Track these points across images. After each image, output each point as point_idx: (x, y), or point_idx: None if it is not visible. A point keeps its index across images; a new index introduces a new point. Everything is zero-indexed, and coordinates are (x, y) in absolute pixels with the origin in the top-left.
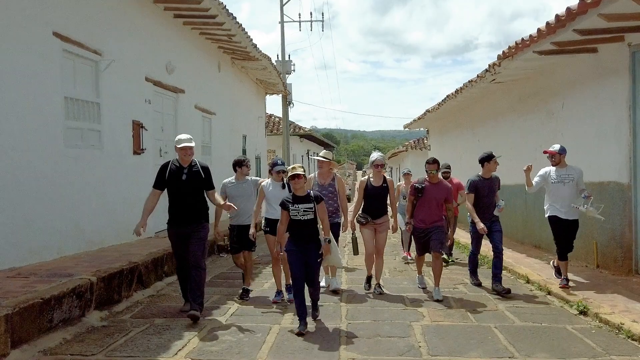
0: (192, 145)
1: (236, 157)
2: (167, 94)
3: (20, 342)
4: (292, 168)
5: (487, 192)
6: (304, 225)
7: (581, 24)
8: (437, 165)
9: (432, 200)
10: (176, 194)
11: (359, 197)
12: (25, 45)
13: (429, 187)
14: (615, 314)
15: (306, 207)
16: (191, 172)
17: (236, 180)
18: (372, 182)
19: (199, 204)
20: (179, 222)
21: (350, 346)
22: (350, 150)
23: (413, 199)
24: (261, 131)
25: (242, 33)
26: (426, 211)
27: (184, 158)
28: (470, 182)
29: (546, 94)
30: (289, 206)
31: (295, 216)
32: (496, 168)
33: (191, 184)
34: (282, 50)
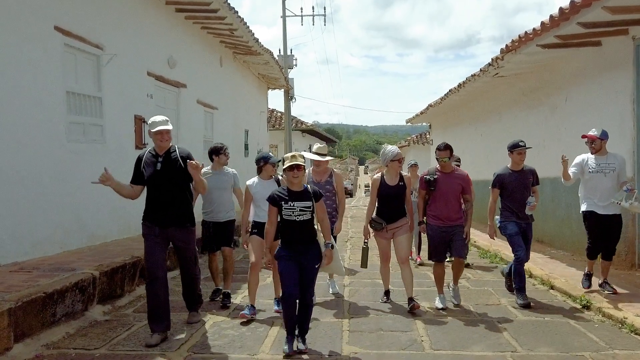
0: (169, 128)
1: (213, 144)
2: (169, 89)
3: (24, 336)
4: (291, 156)
5: (518, 186)
6: (300, 227)
7: (585, 17)
8: (450, 151)
9: (448, 193)
10: (153, 186)
11: (372, 198)
12: (26, 39)
13: (442, 178)
14: (619, 308)
15: (303, 206)
16: (168, 161)
17: (213, 171)
18: (387, 180)
19: (180, 200)
20: (155, 219)
21: (353, 340)
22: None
23: (424, 193)
24: (263, 126)
25: (244, 27)
26: (441, 207)
27: (160, 144)
28: (495, 175)
29: (549, 88)
30: (282, 203)
31: (289, 216)
32: (522, 159)
33: (168, 175)
34: (284, 45)
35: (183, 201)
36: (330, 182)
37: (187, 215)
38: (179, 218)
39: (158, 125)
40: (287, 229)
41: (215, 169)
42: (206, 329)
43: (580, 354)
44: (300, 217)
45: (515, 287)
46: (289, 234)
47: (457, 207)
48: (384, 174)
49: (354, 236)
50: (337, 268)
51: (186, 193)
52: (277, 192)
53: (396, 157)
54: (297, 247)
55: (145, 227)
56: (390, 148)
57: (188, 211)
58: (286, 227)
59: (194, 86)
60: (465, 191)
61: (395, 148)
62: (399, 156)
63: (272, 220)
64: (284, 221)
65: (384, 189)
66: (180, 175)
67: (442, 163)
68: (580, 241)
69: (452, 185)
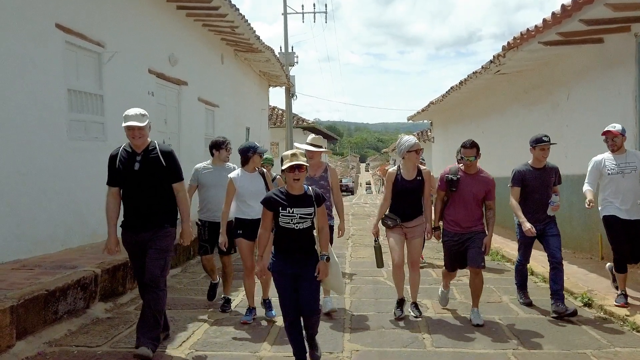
0: (141, 125)
1: (215, 138)
2: (170, 86)
3: (26, 334)
4: (292, 155)
5: (538, 185)
6: (298, 236)
7: (587, 13)
8: (477, 150)
9: (469, 197)
10: (129, 189)
11: (387, 194)
12: (27, 37)
13: (465, 179)
14: (620, 305)
15: (304, 213)
16: (147, 160)
17: (213, 166)
18: (403, 174)
19: (161, 202)
20: (135, 225)
21: (354, 337)
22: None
23: (444, 194)
24: (264, 123)
25: (245, 25)
26: (461, 211)
27: (132, 142)
28: (515, 172)
29: (551, 85)
30: (279, 209)
31: (287, 223)
32: (545, 156)
33: (147, 175)
34: (285, 42)
35: (164, 205)
36: (325, 178)
37: (168, 216)
38: (159, 220)
39: (128, 120)
40: (284, 237)
41: (216, 164)
42: (208, 327)
43: (582, 352)
44: (300, 224)
45: (517, 284)
46: (286, 243)
47: (478, 214)
48: (400, 167)
49: (355, 234)
50: (336, 285)
51: (168, 195)
52: (274, 195)
53: (413, 148)
54: (294, 258)
55: (124, 235)
56: (406, 138)
57: (169, 212)
58: (282, 235)
59: (195, 84)
60: (489, 197)
61: (412, 138)
62: (416, 146)
63: (266, 225)
64: (280, 228)
65: (400, 184)
66: (161, 176)
67: (466, 163)
68: (581, 239)
69: (475, 188)
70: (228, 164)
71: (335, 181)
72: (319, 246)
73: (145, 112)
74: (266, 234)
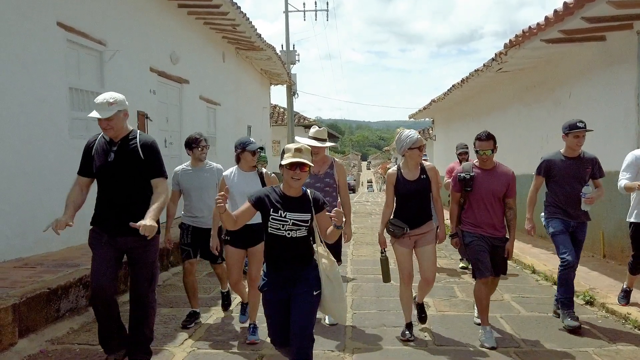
0: (107, 115)
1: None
2: (172, 85)
3: (28, 332)
4: (295, 150)
5: (569, 177)
6: (290, 245)
7: (590, 11)
8: (494, 142)
9: (488, 195)
10: (103, 182)
11: (388, 198)
12: (29, 35)
13: (481, 176)
14: (622, 304)
15: (299, 219)
16: (123, 151)
17: (192, 167)
18: (405, 173)
19: (139, 201)
20: (107, 223)
21: (356, 335)
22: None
23: (459, 196)
24: (266, 122)
25: (247, 23)
26: (482, 213)
27: (103, 132)
28: (542, 160)
29: (553, 83)
30: (270, 211)
31: (278, 230)
32: (579, 144)
33: (123, 169)
34: (287, 40)
35: (142, 203)
36: (331, 175)
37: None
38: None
39: (94, 109)
40: (274, 247)
41: (195, 165)
42: (210, 324)
43: (584, 350)
44: (292, 232)
45: (560, 299)
46: (277, 253)
47: (499, 214)
48: (401, 166)
49: (357, 232)
50: (338, 310)
51: (146, 192)
52: (266, 193)
53: (415, 144)
54: (287, 272)
55: (92, 235)
56: (407, 133)
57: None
58: (272, 244)
59: (196, 82)
60: (509, 194)
61: (414, 133)
62: (418, 142)
63: (238, 215)
64: (269, 236)
65: (402, 186)
66: (139, 170)
67: (482, 157)
68: None
69: (494, 185)
70: (209, 164)
71: (342, 178)
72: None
73: (116, 97)
74: (229, 219)
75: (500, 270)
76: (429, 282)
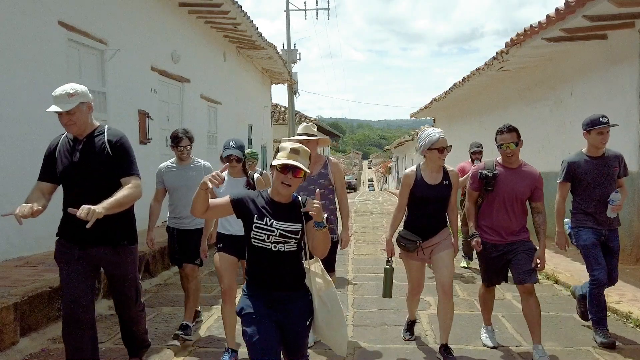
0: (68, 108)
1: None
2: (173, 84)
3: (30, 330)
4: (291, 151)
5: (598, 178)
6: (277, 262)
7: (591, 9)
8: (517, 134)
9: (511, 197)
10: (67, 188)
11: (401, 202)
12: (30, 34)
13: (505, 175)
14: (624, 302)
15: (287, 229)
16: (89, 149)
17: (177, 165)
18: (425, 176)
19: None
20: (74, 236)
21: (357, 334)
22: (356, 139)
23: (477, 195)
24: (267, 121)
25: (248, 21)
26: (501, 216)
27: (65, 129)
28: (565, 164)
29: (555, 82)
30: (253, 218)
31: (262, 242)
32: (603, 141)
33: (89, 169)
34: (288, 39)
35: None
36: (325, 175)
37: (122, 227)
38: (108, 233)
39: (54, 103)
40: (257, 262)
41: (180, 162)
42: (211, 323)
43: (585, 349)
44: (279, 246)
45: (592, 318)
46: (260, 271)
47: (523, 220)
48: (420, 167)
49: (358, 231)
50: (337, 340)
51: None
52: (251, 196)
53: (435, 145)
54: (271, 296)
55: (59, 249)
56: (428, 131)
57: (123, 222)
58: (255, 259)
59: (197, 81)
60: (536, 197)
61: (436, 132)
62: (440, 143)
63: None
64: (252, 249)
65: (420, 190)
66: (108, 169)
67: (506, 152)
68: None
69: (518, 186)
70: (196, 161)
71: (339, 178)
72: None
73: (77, 88)
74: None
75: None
76: (446, 291)
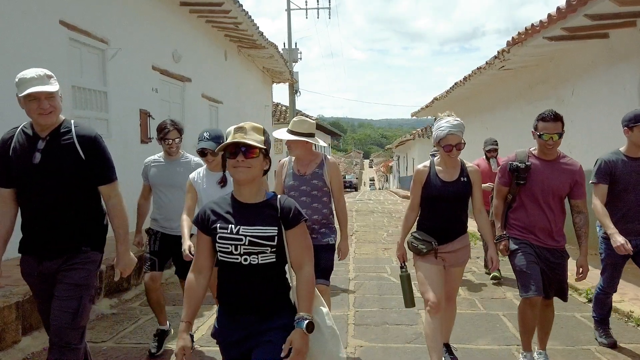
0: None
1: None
2: (174, 83)
3: (31, 329)
4: (235, 130)
5: (635, 182)
6: (249, 278)
7: (592, 8)
8: (562, 124)
9: (547, 193)
10: (26, 193)
11: (413, 201)
12: (31, 33)
13: (540, 168)
14: (625, 301)
15: (259, 235)
16: (54, 149)
17: (164, 159)
18: (440, 172)
19: (77, 213)
20: (37, 249)
21: (358, 333)
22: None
23: (507, 191)
24: (268, 120)
25: (249, 21)
26: (535, 213)
27: (39, 120)
28: (601, 163)
29: (556, 81)
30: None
31: (229, 254)
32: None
33: (52, 173)
34: (289, 38)
35: (86, 219)
36: (320, 175)
37: (88, 235)
38: (72, 240)
39: (30, 85)
40: (228, 281)
41: (168, 157)
42: (212, 322)
43: (587, 348)
44: (251, 258)
45: (595, 317)
46: (231, 292)
47: (561, 220)
48: (434, 162)
49: (359, 230)
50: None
51: (90, 204)
52: (211, 206)
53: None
54: (245, 322)
55: (23, 266)
56: (443, 121)
57: (91, 229)
58: (225, 277)
59: (198, 80)
60: (576, 193)
61: (448, 124)
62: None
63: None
64: (220, 265)
65: (434, 187)
66: (78, 174)
67: (547, 143)
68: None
69: (556, 181)
70: (186, 156)
71: (336, 180)
72: (297, 300)
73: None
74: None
75: (558, 292)
76: (450, 299)
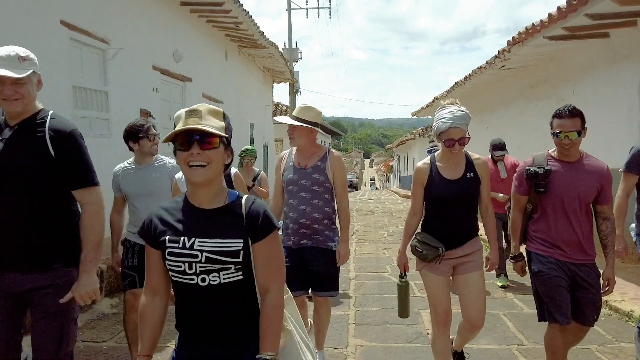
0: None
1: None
2: (175, 83)
3: None
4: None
5: None
6: (210, 304)
7: (593, 8)
8: (581, 120)
9: (571, 200)
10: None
11: (415, 203)
12: (32, 33)
13: (562, 172)
14: (626, 301)
15: (217, 249)
16: (21, 141)
17: (136, 165)
18: (442, 169)
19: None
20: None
21: (359, 333)
22: (357, 138)
23: (526, 201)
24: (269, 120)
25: (249, 21)
26: (560, 225)
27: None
28: (635, 151)
29: (556, 80)
30: (165, 237)
31: (182, 273)
32: None
33: (14, 169)
34: (290, 38)
35: (54, 227)
36: (322, 169)
37: (61, 248)
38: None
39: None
40: (183, 303)
41: (140, 162)
42: None
43: (587, 347)
44: (209, 277)
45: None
46: (187, 316)
47: (589, 228)
48: (435, 159)
49: (360, 229)
50: None
51: (61, 210)
52: (158, 212)
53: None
54: (206, 353)
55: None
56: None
57: (65, 242)
58: (181, 298)
59: (199, 80)
60: (601, 198)
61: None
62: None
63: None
64: (174, 285)
65: (437, 188)
66: (47, 173)
67: (563, 142)
68: None
69: (580, 185)
70: (160, 159)
71: (339, 175)
72: (261, 334)
73: (28, 53)
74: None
75: (589, 317)
76: (475, 327)
